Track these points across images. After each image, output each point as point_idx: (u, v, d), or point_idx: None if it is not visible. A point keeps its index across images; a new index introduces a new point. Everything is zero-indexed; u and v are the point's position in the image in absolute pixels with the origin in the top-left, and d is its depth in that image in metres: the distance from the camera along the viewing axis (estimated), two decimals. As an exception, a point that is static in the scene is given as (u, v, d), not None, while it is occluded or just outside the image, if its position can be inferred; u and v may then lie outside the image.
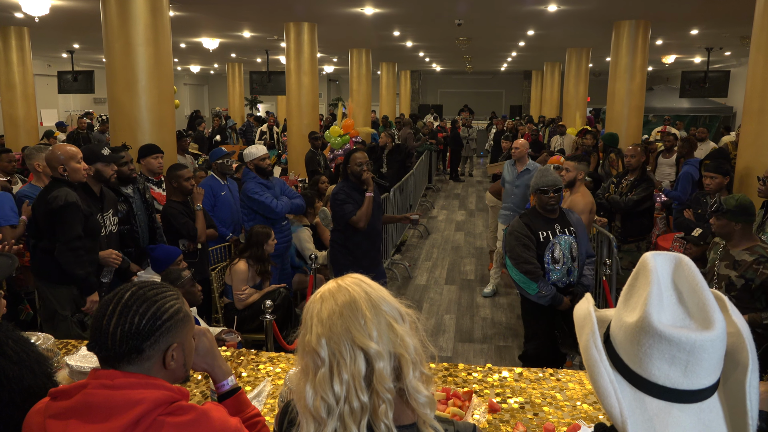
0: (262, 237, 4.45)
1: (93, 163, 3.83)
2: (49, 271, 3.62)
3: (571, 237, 3.94)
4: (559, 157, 6.01)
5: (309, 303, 1.23)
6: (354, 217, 4.31)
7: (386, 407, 1.15)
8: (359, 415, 1.14)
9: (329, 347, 1.16)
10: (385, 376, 1.15)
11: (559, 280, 3.92)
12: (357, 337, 1.15)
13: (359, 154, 4.41)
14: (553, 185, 3.91)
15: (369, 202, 4.33)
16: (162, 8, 5.96)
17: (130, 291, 1.38)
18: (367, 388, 1.15)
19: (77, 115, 18.04)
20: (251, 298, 4.43)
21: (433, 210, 11.55)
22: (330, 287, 1.23)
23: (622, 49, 9.41)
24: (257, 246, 4.43)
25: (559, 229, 3.94)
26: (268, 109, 25.25)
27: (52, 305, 3.64)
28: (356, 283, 1.23)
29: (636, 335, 1.02)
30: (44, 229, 3.59)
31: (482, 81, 27.03)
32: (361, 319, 1.17)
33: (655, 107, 16.82)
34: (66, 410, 1.31)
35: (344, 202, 4.34)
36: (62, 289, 3.64)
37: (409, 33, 12.41)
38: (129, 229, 4.21)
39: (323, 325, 1.17)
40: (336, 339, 1.16)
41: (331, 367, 1.15)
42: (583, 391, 2.48)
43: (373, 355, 1.15)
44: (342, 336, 1.16)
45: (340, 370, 1.14)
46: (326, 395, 1.14)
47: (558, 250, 3.86)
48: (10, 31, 10.34)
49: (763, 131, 4.83)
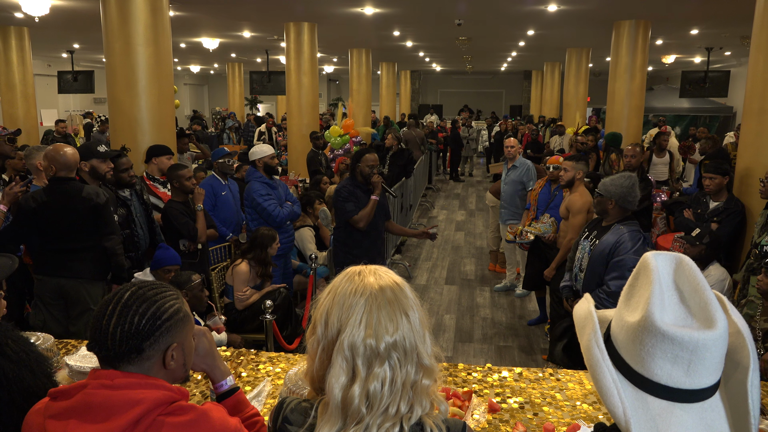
0: (266, 240, 4.43)
1: (88, 159, 3.86)
2: (85, 269, 3.65)
3: (589, 249, 3.68)
4: (558, 157, 6.02)
5: (353, 297, 1.23)
6: (355, 217, 4.30)
7: (414, 416, 1.19)
8: (392, 419, 1.17)
9: (390, 352, 1.19)
10: (426, 392, 1.21)
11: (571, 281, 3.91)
12: (420, 352, 1.21)
13: (371, 155, 4.39)
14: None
15: (373, 205, 4.32)
16: (162, 8, 5.95)
17: (130, 291, 1.38)
18: (408, 397, 1.20)
19: (77, 114, 18.06)
20: (251, 299, 4.43)
21: (433, 210, 11.55)
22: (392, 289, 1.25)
23: (622, 49, 9.41)
24: (261, 248, 4.42)
25: (593, 235, 3.71)
26: (269, 109, 25.26)
27: (85, 302, 3.65)
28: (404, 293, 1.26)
29: (638, 335, 1.02)
30: (78, 228, 3.59)
31: (482, 81, 27.03)
32: (425, 336, 1.24)
33: (655, 107, 16.82)
34: (66, 410, 1.31)
35: (346, 200, 4.34)
36: (97, 285, 3.72)
37: (409, 33, 12.41)
38: (128, 234, 4.20)
39: (391, 332, 1.20)
40: (401, 348, 1.19)
41: (394, 374, 1.18)
42: (582, 391, 2.48)
43: (427, 368, 1.21)
44: (408, 348, 1.20)
45: (395, 375, 1.18)
46: (374, 394, 1.16)
47: (579, 251, 3.77)
48: (10, 31, 10.34)
49: (763, 131, 4.82)
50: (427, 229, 4.61)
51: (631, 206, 3.52)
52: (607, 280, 3.40)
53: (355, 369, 1.17)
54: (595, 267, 3.48)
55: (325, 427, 1.18)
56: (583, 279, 3.61)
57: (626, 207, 3.50)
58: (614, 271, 3.37)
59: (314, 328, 1.27)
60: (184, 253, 4.38)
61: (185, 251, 4.44)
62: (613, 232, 3.47)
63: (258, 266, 4.43)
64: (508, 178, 6.24)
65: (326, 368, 1.21)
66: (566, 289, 3.85)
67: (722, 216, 4.85)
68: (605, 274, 3.42)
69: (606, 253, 3.43)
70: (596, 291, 3.44)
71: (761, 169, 4.69)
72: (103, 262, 3.73)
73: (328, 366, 1.20)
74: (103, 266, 3.74)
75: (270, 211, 4.86)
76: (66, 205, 3.56)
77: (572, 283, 3.80)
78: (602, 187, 3.53)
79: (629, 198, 3.49)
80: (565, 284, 3.88)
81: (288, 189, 5.40)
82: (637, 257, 3.18)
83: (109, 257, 3.70)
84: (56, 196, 3.57)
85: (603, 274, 3.43)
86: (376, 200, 4.32)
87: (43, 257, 3.66)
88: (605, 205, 3.52)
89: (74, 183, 3.63)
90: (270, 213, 4.86)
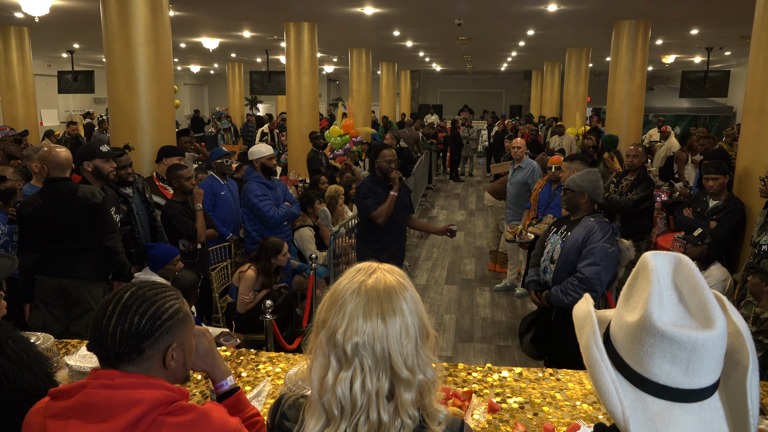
0: (271, 251, 4.42)
1: (91, 159, 3.85)
2: (85, 268, 3.65)
3: (561, 242, 3.80)
4: (559, 157, 6.02)
5: (343, 292, 1.19)
6: (374, 212, 4.38)
7: (405, 428, 1.15)
8: (375, 426, 1.14)
9: (360, 353, 1.14)
10: (409, 404, 1.15)
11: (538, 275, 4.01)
12: (395, 361, 1.14)
13: (389, 151, 4.45)
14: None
15: (392, 200, 4.38)
16: (162, 8, 5.95)
17: (130, 291, 1.38)
18: (387, 404, 1.15)
19: (78, 114, 18.05)
20: (252, 303, 4.43)
21: (433, 210, 11.55)
22: (374, 285, 1.18)
23: (622, 49, 9.41)
24: (266, 259, 4.42)
25: (562, 229, 3.85)
26: (269, 109, 25.26)
27: (86, 302, 3.66)
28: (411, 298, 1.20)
29: (637, 334, 1.02)
30: (75, 228, 3.59)
31: (482, 81, 27.03)
32: (404, 341, 1.15)
33: (655, 107, 16.82)
34: (66, 410, 1.31)
35: (366, 196, 4.42)
36: (98, 284, 3.72)
37: (409, 33, 12.41)
38: (129, 230, 4.21)
39: (361, 332, 1.14)
40: (369, 350, 1.14)
41: (364, 378, 1.14)
42: (582, 391, 2.48)
43: (404, 381, 1.14)
44: (378, 353, 1.14)
45: (365, 380, 1.13)
46: (344, 397, 1.14)
47: (548, 245, 3.87)
48: (10, 31, 10.34)
49: (763, 131, 4.82)
50: (448, 225, 4.64)
51: (599, 198, 3.73)
52: (580, 267, 3.55)
53: (329, 365, 1.16)
54: (569, 257, 3.62)
55: (311, 421, 1.18)
56: (553, 270, 3.74)
57: (596, 200, 3.70)
58: (587, 258, 3.53)
59: (315, 324, 1.27)
60: (183, 253, 4.39)
61: (185, 251, 4.44)
62: (584, 224, 3.63)
63: (263, 276, 4.43)
64: (514, 179, 6.24)
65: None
66: (532, 283, 3.95)
67: (721, 214, 4.85)
68: (578, 262, 3.58)
69: (579, 243, 3.58)
70: (568, 279, 3.59)
71: (761, 168, 4.69)
72: (103, 262, 3.73)
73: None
74: (103, 266, 3.75)
75: (265, 212, 4.87)
76: (61, 206, 3.56)
77: (539, 277, 3.90)
78: (572, 184, 3.70)
79: (598, 191, 3.70)
80: (531, 279, 3.97)
81: (287, 189, 5.40)
82: (607, 245, 3.46)
83: (110, 256, 3.70)
84: (51, 198, 3.58)
85: (576, 262, 3.59)
86: (395, 196, 4.39)
87: (44, 258, 3.65)
88: (577, 199, 3.69)
89: (69, 183, 3.62)
90: (265, 214, 4.87)
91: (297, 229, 5.59)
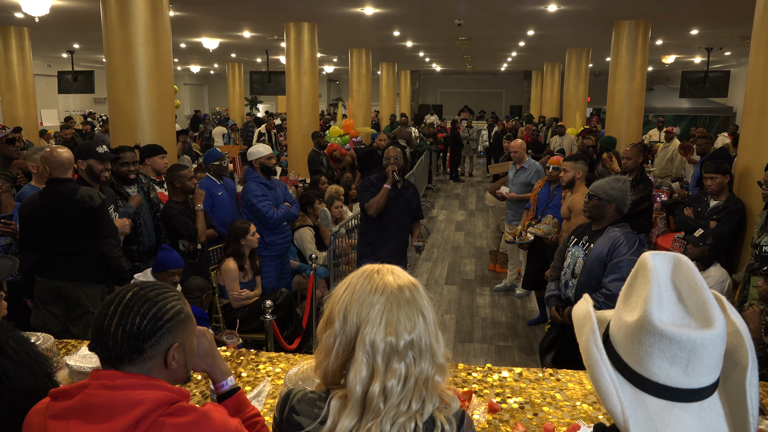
0: (238, 232, 4.44)
1: (86, 158, 3.86)
2: (82, 271, 3.64)
3: (584, 255, 3.55)
4: (559, 157, 6.02)
5: (368, 294, 1.28)
6: (367, 204, 4.48)
7: (426, 412, 1.24)
8: (405, 415, 1.22)
9: (409, 349, 1.25)
10: (439, 388, 1.28)
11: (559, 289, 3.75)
12: (434, 351, 1.29)
13: (392, 149, 4.57)
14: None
15: (383, 193, 4.45)
16: (162, 8, 5.96)
17: (132, 292, 1.38)
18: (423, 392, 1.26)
19: (77, 114, 18.06)
20: (248, 300, 4.42)
21: (433, 210, 11.55)
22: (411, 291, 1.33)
23: (622, 49, 9.41)
24: (235, 241, 4.44)
25: (583, 241, 3.60)
26: (269, 109, 25.26)
27: (84, 305, 3.64)
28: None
29: (637, 334, 1.02)
30: (73, 230, 3.58)
31: (482, 81, 27.04)
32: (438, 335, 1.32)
33: (655, 107, 16.82)
34: (67, 410, 1.31)
35: (365, 189, 4.55)
36: (97, 287, 3.70)
37: (409, 33, 12.42)
38: (132, 227, 4.21)
39: (409, 330, 1.26)
40: (417, 345, 1.26)
41: (408, 371, 1.24)
42: (582, 391, 2.48)
43: (440, 366, 1.28)
44: (424, 346, 1.27)
45: (409, 374, 1.24)
46: (390, 391, 1.21)
47: (569, 258, 3.64)
48: (10, 31, 10.35)
49: (763, 131, 4.82)
50: (417, 239, 4.67)
51: (626, 209, 3.48)
52: (606, 283, 3.33)
53: (374, 365, 1.22)
54: (593, 271, 3.39)
55: (345, 420, 1.22)
56: (576, 285, 3.48)
57: (623, 210, 3.47)
58: (613, 273, 3.30)
59: (329, 322, 1.30)
60: (183, 253, 4.39)
61: (185, 251, 4.44)
62: (608, 235, 3.39)
63: (239, 260, 4.44)
64: (517, 180, 6.16)
65: (342, 362, 1.27)
66: (553, 298, 3.69)
67: (722, 214, 4.85)
68: (603, 276, 3.35)
69: (603, 256, 3.35)
70: (594, 295, 3.33)
71: (761, 168, 4.69)
72: (101, 265, 3.71)
73: (346, 361, 1.26)
74: (101, 269, 3.72)
75: (264, 212, 4.87)
76: (59, 208, 3.56)
77: (560, 292, 3.66)
78: (600, 191, 3.44)
79: (626, 201, 3.46)
80: (552, 294, 3.71)
81: (287, 189, 5.40)
82: (635, 258, 3.10)
83: (107, 261, 3.69)
84: (50, 199, 3.57)
85: (601, 277, 3.35)
86: (388, 189, 4.46)
87: (42, 259, 3.65)
88: (603, 209, 3.44)
89: (69, 184, 3.61)
90: (264, 214, 4.87)
91: (297, 229, 5.60)
